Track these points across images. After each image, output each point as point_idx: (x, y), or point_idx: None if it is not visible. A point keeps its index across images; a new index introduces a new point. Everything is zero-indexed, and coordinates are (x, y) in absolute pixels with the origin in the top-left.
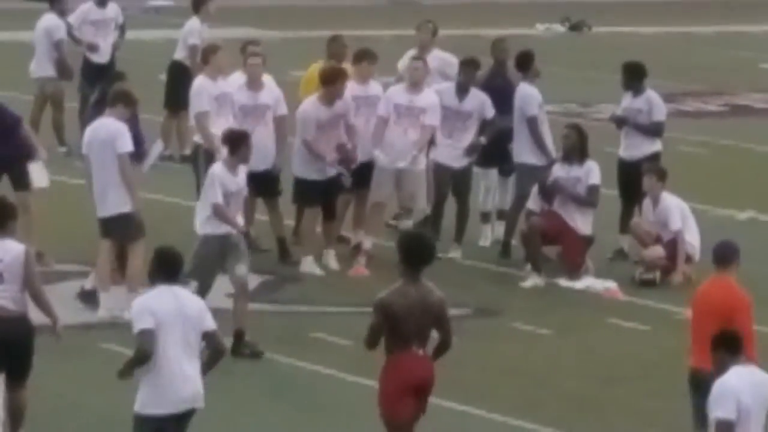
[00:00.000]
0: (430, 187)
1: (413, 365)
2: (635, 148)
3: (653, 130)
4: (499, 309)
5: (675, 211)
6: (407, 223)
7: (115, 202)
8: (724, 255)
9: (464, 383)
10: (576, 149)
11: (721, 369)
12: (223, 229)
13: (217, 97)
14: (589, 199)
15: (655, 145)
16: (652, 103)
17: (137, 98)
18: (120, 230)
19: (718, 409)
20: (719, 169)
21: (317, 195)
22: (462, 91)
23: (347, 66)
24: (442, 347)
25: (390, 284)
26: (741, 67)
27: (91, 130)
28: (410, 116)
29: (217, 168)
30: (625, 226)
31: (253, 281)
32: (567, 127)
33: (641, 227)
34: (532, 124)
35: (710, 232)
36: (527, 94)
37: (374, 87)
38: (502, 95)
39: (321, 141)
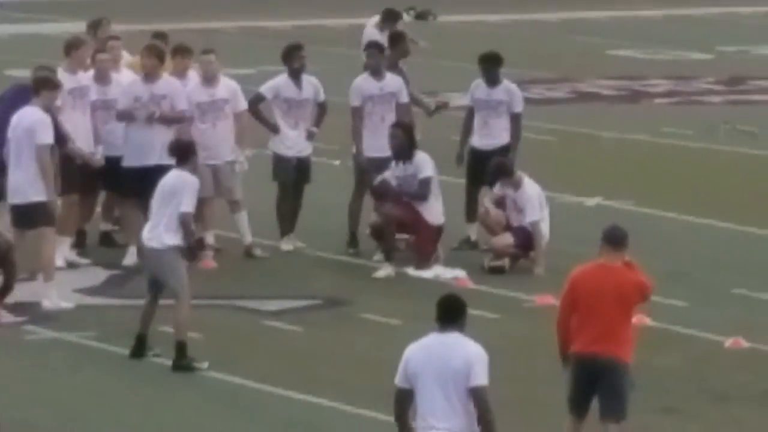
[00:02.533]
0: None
1: None
2: (491, 137)
3: (517, 124)
4: (348, 299)
5: (534, 201)
6: (242, 215)
7: (31, 191)
8: (622, 238)
9: (314, 374)
10: (404, 147)
11: None
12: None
13: (72, 91)
14: (419, 193)
15: (520, 136)
16: (511, 93)
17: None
18: (31, 218)
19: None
20: (567, 156)
21: (139, 184)
22: (297, 78)
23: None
24: (6, 288)
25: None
26: (588, 54)
27: (18, 115)
28: (215, 110)
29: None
30: (471, 215)
31: (101, 276)
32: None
33: (491, 216)
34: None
35: (558, 219)
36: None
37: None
38: None
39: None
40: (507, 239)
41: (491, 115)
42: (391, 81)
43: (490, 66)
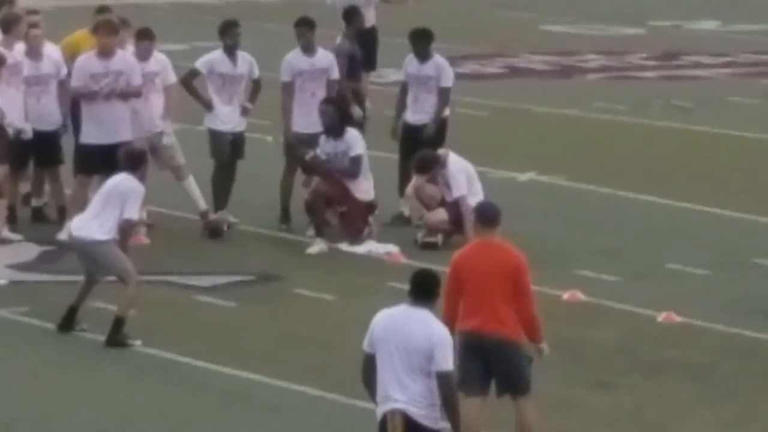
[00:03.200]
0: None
1: None
2: (422, 112)
3: (443, 98)
4: (281, 275)
5: (459, 176)
6: (190, 181)
7: None
8: (493, 216)
9: (247, 349)
10: (335, 123)
11: None
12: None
13: (8, 67)
14: (350, 170)
15: (443, 111)
16: (440, 68)
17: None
18: None
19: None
20: (499, 131)
21: (101, 161)
22: (232, 54)
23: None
24: None
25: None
26: (520, 29)
27: None
28: (146, 83)
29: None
30: (405, 190)
31: (33, 252)
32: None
33: (425, 191)
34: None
35: (491, 195)
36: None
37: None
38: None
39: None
40: (441, 215)
41: (421, 90)
42: (322, 57)
43: (420, 42)
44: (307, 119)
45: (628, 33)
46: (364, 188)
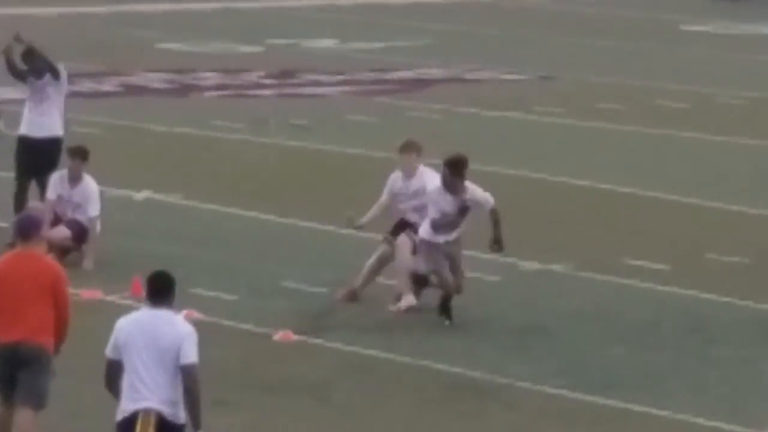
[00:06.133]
0: None
1: None
2: (42, 127)
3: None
4: None
5: (97, 195)
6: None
7: None
8: (29, 228)
9: None
10: None
11: None
12: None
13: None
14: None
15: (61, 129)
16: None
17: None
18: None
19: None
20: (115, 149)
21: None
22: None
23: None
24: None
25: None
26: (137, 47)
27: None
28: None
29: None
30: (21, 208)
31: None
32: None
33: (51, 234)
34: None
35: (108, 213)
36: None
37: None
38: None
39: None
40: (64, 232)
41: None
42: None
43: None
44: None
45: (245, 51)
46: None
